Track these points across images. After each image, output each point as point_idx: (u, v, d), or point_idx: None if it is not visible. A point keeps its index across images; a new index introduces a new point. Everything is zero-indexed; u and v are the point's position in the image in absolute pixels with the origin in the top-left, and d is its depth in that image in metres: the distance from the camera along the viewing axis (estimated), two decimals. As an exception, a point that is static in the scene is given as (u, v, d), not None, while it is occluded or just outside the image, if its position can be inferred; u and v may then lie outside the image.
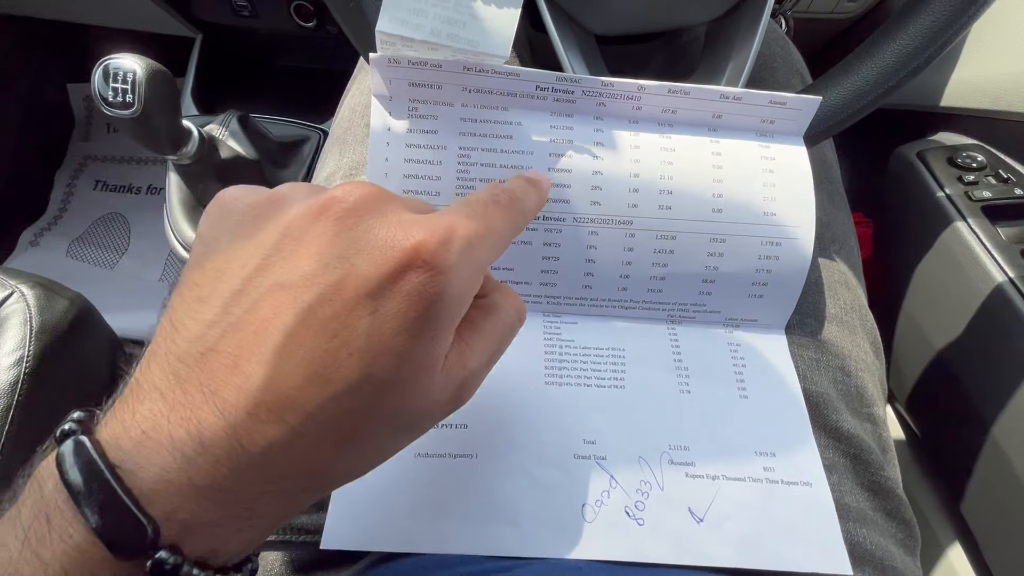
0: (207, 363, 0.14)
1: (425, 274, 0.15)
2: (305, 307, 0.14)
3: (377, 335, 0.14)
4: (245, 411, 0.13)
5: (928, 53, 0.27)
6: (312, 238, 0.15)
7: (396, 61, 0.24)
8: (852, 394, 0.28)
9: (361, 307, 0.14)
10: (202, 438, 0.13)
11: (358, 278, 0.14)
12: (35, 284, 0.49)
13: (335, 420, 0.14)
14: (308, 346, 0.14)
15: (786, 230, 0.27)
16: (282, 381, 0.14)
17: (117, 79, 0.40)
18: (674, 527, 0.23)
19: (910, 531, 0.27)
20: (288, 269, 0.14)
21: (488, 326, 0.18)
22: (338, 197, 0.15)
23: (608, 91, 0.26)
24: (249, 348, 0.14)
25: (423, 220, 0.15)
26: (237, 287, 0.15)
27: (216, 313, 0.14)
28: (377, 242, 0.15)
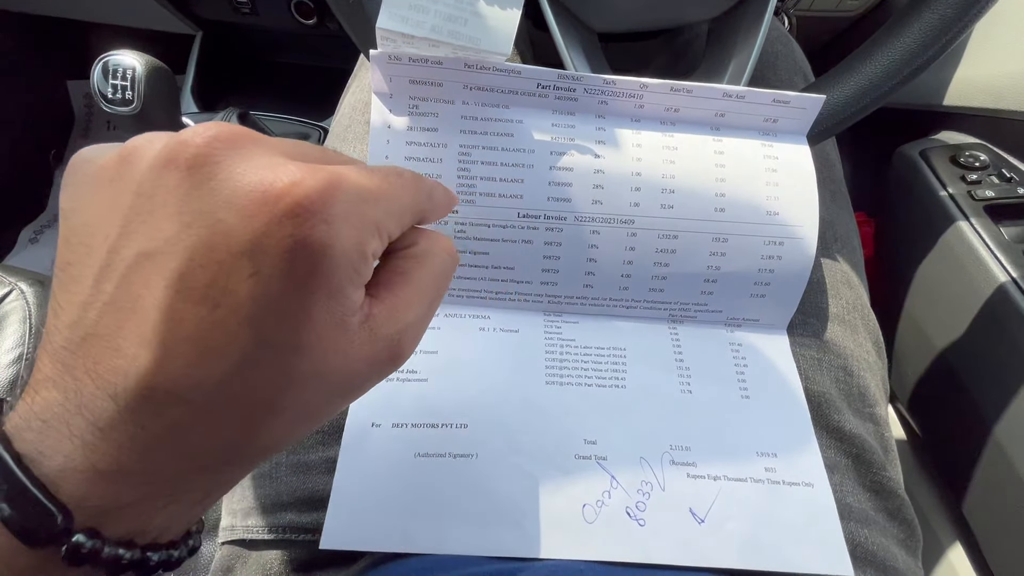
0: (90, 348, 0.13)
1: (305, 222, 0.12)
2: (176, 276, 0.12)
3: (263, 298, 0.13)
4: (139, 396, 0.12)
5: (932, 51, 0.27)
6: (165, 193, 0.13)
7: (397, 58, 0.24)
8: (854, 394, 0.28)
9: (238, 268, 0.12)
10: (99, 424, 0.13)
11: (227, 235, 0.12)
12: (34, 281, 0.49)
13: (244, 394, 0.13)
14: (191, 319, 0.12)
15: (789, 230, 0.27)
16: (172, 362, 0.12)
17: (117, 76, 0.40)
18: (675, 528, 0.22)
19: (912, 531, 0.27)
20: (148, 234, 0.13)
21: (421, 275, 0.16)
22: (184, 140, 0.13)
23: (610, 89, 0.26)
24: (128, 328, 0.13)
25: (301, 164, 0.13)
26: (103, 261, 0.13)
27: (88, 293, 0.13)
28: (242, 189, 0.13)
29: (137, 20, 0.75)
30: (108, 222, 0.13)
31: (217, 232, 0.12)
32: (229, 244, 0.12)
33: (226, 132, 0.13)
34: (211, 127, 0.13)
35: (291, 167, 0.13)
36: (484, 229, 0.26)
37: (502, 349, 0.26)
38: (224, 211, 0.12)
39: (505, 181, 0.26)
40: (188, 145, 0.13)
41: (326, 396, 0.15)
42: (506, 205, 0.26)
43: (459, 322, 0.27)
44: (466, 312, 0.27)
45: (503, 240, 0.26)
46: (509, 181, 0.26)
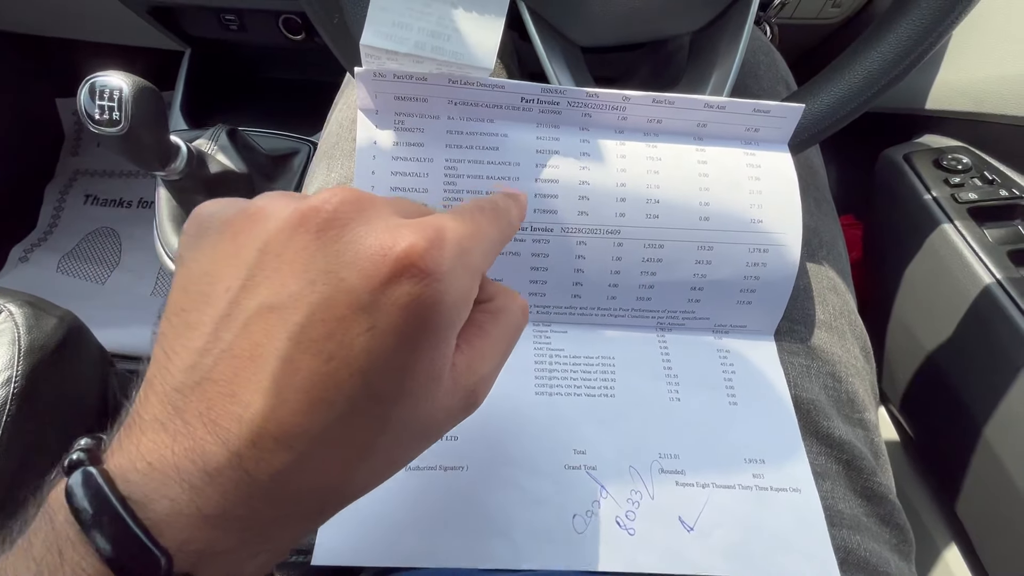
0: (204, 393, 0.13)
1: (420, 282, 0.14)
2: (297, 328, 0.13)
3: (376, 352, 0.14)
4: (249, 441, 0.13)
5: (909, 60, 0.27)
6: (294, 253, 0.14)
7: (381, 75, 0.24)
8: (843, 400, 0.28)
9: (356, 324, 0.14)
10: (208, 469, 0.13)
11: (348, 293, 0.14)
12: (23, 302, 0.49)
13: (344, 440, 0.14)
14: (306, 370, 0.13)
15: (773, 237, 0.27)
16: (284, 409, 0.13)
17: (103, 96, 0.40)
18: (665, 536, 0.22)
19: (904, 536, 0.27)
20: (273, 289, 0.14)
21: (496, 330, 0.18)
22: (316, 206, 0.14)
23: (593, 102, 0.26)
24: (245, 375, 0.13)
25: (411, 223, 0.15)
26: (223, 311, 0.14)
27: (206, 340, 0.14)
28: (364, 251, 0.14)
29: (126, 38, 0.75)
30: (230, 274, 0.14)
31: (340, 290, 0.14)
32: (350, 301, 0.14)
33: (351, 198, 0.15)
34: (338, 193, 0.15)
35: (404, 230, 0.14)
36: (471, 242, 0.26)
37: (491, 361, 0.26)
38: (347, 271, 0.14)
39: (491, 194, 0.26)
40: (319, 211, 0.14)
41: (410, 442, 0.16)
42: None
43: (448, 335, 0.27)
44: (455, 325, 0.28)
45: (490, 253, 0.26)
46: None
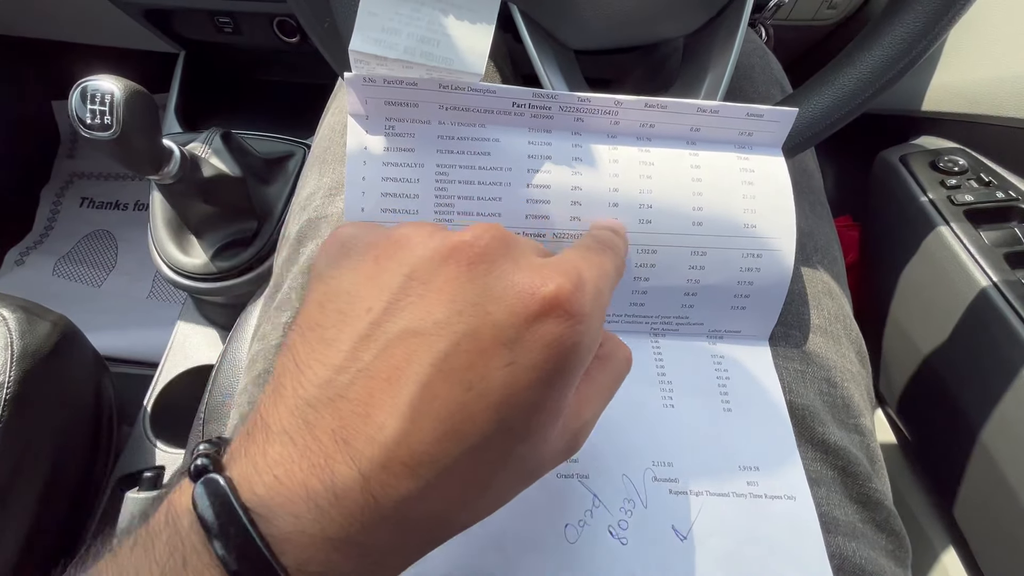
0: (337, 410, 0.13)
1: (564, 323, 0.14)
2: (440, 356, 0.14)
3: (513, 386, 0.14)
4: (380, 464, 0.13)
5: (903, 63, 0.27)
6: (442, 283, 0.14)
7: (371, 80, 0.24)
8: (839, 405, 0.28)
9: (497, 357, 0.14)
10: (336, 490, 0.13)
11: (494, 327, 0.14)
12: (16, 307, 0.49)
13: (468, 473, 0.14)
14: (443, 398, 0.13)
15: (767, 241, 0.27)
16: (417, 435, 0.13)
17: (95, 101, 0.39)
18: (658, 545, 0.22)
19: (900, 542, 0.27)
20: (418, 315, 0.14)
21: (602, 376, 0.18)
22: (468, 241, 0.15)
23: (585, 106, 0.26)
24: (381, 397, 0.13)
25: (554, 264, 0.15)
26: (364, 331, 0.14)
27: (344, 358, 0.14)
28: (513, 288, 0.14)
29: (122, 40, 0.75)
30: (372, 296, 0.15)
31: (486, 323, 0.14)
32: (495, 334, 0.14)
33: (503, 237, 0.15)
34: (490, 230, 0.15)
35: (550, 271, 0.15)
36: (462, 248, 0.26)
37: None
38: (494, 305, 0.14)
39: (483, 200, 0.26)
40: (472, 245, 0.15)
41: (519, 480, 0.16)
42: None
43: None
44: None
45: (482, 259, 0.26)
46: (487, 199, 0.26)
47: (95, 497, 0.53)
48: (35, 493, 0.45)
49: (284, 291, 0.30)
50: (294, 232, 0.32)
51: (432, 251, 0.15)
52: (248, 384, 0.29)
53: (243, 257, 0.54)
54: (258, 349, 0.29)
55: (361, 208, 0.25)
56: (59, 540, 0.48)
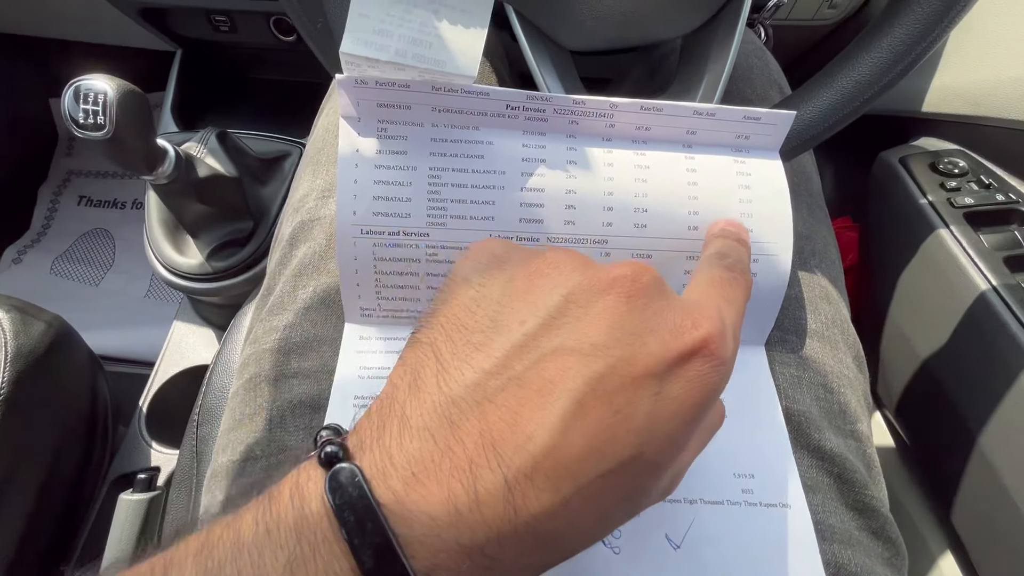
0: (484, 413, 0.13)
1: (709, 363, 0.15)
2: (595, 376, 0.14)
3: (656, 416, 0.14)
4: (525, 475, 0.13)
5: (903, 65, 0.27)
6: (601, 309, 0.15)
7: (363, 82, 0.24)
8: (835, 411, 0.28)
9: (646, 386, 0.14)
10: (479, 496, 0.13)
11: (648, 356, 0.14)
12: (11, 307, 0.48)
13: (598, 495, 0.14)
14: (593, 417, 0.14)
15: (763, 246, 0.26)
16: (564, 449, 0.13)
17: (88, 100, 0.39)
18: (651, 555, 0.22)
19: (897, 550, 0.27)
20: (576, 335, 0.14)
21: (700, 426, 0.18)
22: (630, 276, 0.16)
23: (580, 109, 0.25)
24: (531, 407, 0.13)
25: (703, 309, 0.16)
26: (518, 342, 0.14)
27: (495, 364, 0.14)
28: (668, 324, 0.15)
29: (119, 39, 0.75)
30: (527, 311, 0.15)
31: (640, 352, 0.14)
32: (647, 364, 0.14)
33: (656, 277, 0.16)
34: (648, 270, 0.16)
35: (699, 315, 0.16)
36: (456, 252, 0.26)
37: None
38: (650, 337, 0.15)
39: (476, 203, 0.25)
40: (634, 280, 0.16)
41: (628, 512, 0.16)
42: (478, 227, 0.25)
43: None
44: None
45: (475, 263, 0.26)
46: (480, 203, 0.25)
47: (90, 498, 0.53)
48: (30, 494, 0.45)
49: (277, 294, 0.30)
50: (287, 234, 0.32)
51: (592, 279, 0.15)
52: (240, 388, 0.29)
53: (239, 257, 0.54)
54: (250, 353, 0.29)
55: (353, 211, 0.25)
56: (54, 540, 0.48)
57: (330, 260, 0.29)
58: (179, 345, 0.64)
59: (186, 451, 0.40)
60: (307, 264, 0.29)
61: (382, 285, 0.26)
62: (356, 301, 0.27)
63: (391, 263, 0.26)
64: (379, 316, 0.27)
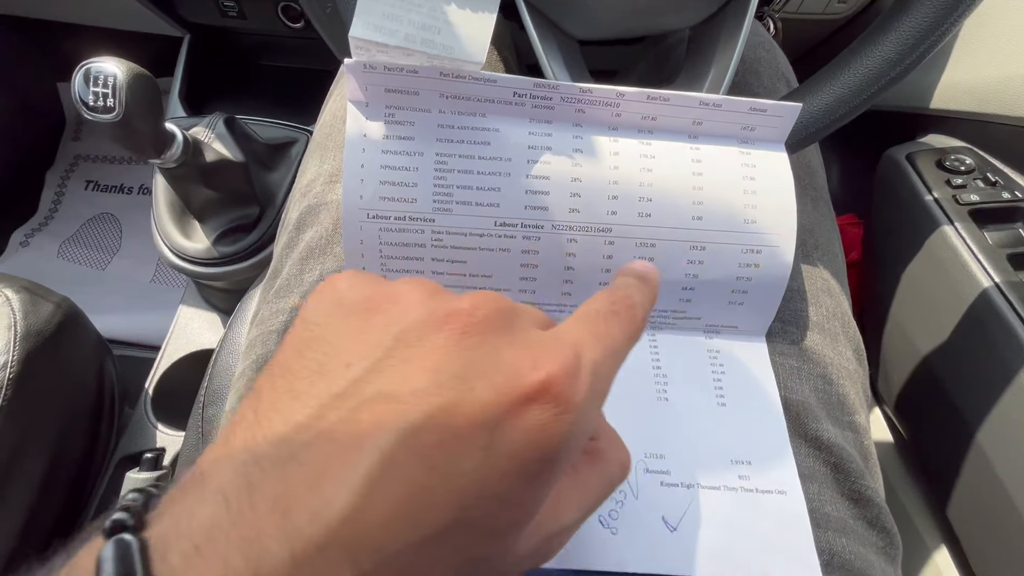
0: (285, 474, 0.12)
1: (552, 410, 0.13)
2: (410, 427, 0.12)
3: (484, 475, 0.12)
4: (316, 546, 0.11)
5: (909, 60, 0.27)
6: (429, 349, 0.13)
7: (372, 67, 0.24)
8: (833, 402, 0.28)
9: (472, 438, 0.12)
10: (260, 571, 0.11)
11: (474, 404, 0.12)
12: (20, 288, 0.49)
13: (410, 567, 0.12)
14: (404, 477, 0.12)
15: (767, 237, 0.27)
16: (366, 515, 0.12)
17: (98, 83, 0.39)
18: (648, 536, 0.22)
19: (891, 539, 0.27)
20: (397, 380, 0.13)
21: (591, 478, 0.16)
22: (466, 309, 0.14)
23: (587, 98, 0.26)
24: (338, 466, 0.12)
25: (552, 344, 0.14)
26: (339, 389, 0.13)
27: (309, 415, 0.12)
28: (502, 366, 0.13)
29: (127, 23, 0.75)
30: (354, 352, 0.13)
31: (466, 399, 0.12)
32: (472, 413, 0.12)
33: (501, 308, 0.14)
34: (488, 301, 0.14)
35: (544, 353, 0.13)
36: (461, 238, 0.26)
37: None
38: (479, 380, 0.13)
39: (482, 190, 0.26)
40: (466, 315, 0.14)
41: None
42: (483, 214, 0.26)
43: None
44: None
45: (480, 249, 0.26)
46: (486, 190, 0.26)
47: (96, 477, 0.54)
48: (37, 472, 0.45)
49: (284, 277, 0.30)
50: (294, 218, 0.32)
51: (428, 314, 0.14)
52: (246, 368, 0.29)
53: (245, 243, 0.54)
54: (256, 334, 0.29)
55: (360, 195, 0.25)
56: (60, 518, 0.49)
57: (336, 244, 0.30)
58: (185, 329, 0.65)
59: (192, 432, 0.41)
60: (314, 248, 0.30)
61: (387, 270, 0.27)
62: (362, 285, 0.27)
63: (396, 248, 0.26)
64: (384, 300, 0.28)
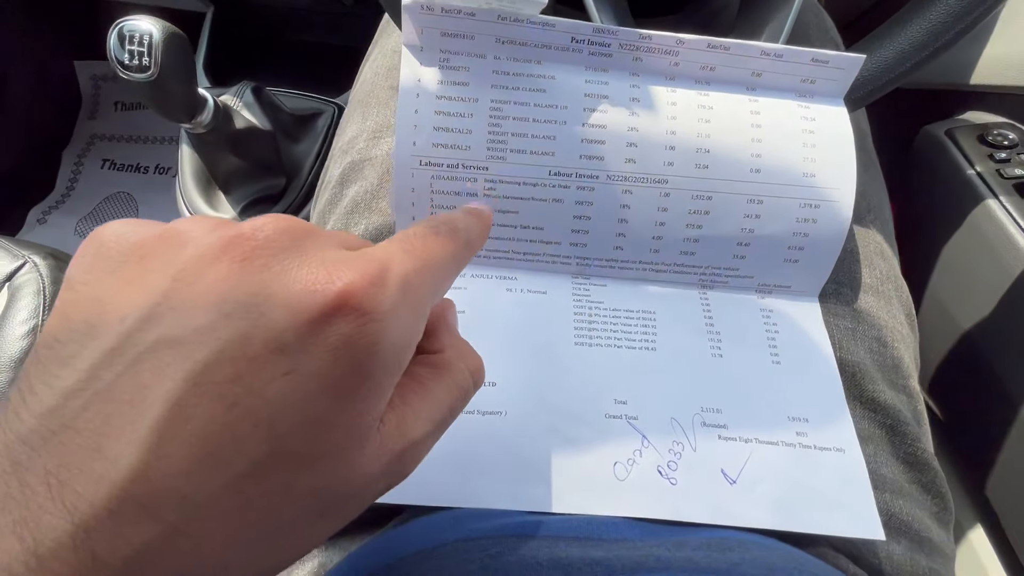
0: (60, 445, 0.11)
1: (355, 321, 0.12)
2: (198, 368, 0.11)
3: (292, 399, 0.11)
4: (105, 509, 0.10)
5: (976, 13, 0.26)
6: (211, 282, 0.12)
7: (429, 8, 0.23)
8: (888, 365, 0.28)
9: (271, 366, 0.11)
10: (39, 549, 0.10)
11: (268, 331, 0.11)
12: (47, 255, 0.49)
13: (234, 512, 0.11)
14: (200, 418, 0.11)
15: (825, 192, 0.26)
16: (160, 466, 0.11)
17: (133, 42, 0.39)
18: (707, 488, 0.22)
19: (945, 504, 0.27)
20: (178, 322, 0.11)
21: (438, 387, 0.15)
22: (246, 233, 0.12)
23: (645, 44, 0.25)
24: (118, 423, 0.11)
25: (351, 258, 0.13)
26: (111, 344, 0.11)
27: (80, 379, 0.11)
28: (295, 286, 0.12)
29: (148, -3, 0.74)
30: (129, 303, 0.12)
31: (258, 326, 0.11)
32: (268, 339, 0.11)
33: (287, 227, 0.13)
34: (275, 221, 0.13)
35: (342, 265, 0.12)
36: (514, 187, 0.25)
37: (530, 310, 0.26)
38: (269, 305, 0.12)
39: (537, 138, 0.25)
40: (246, 239, 0.12)
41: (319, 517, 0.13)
42: (537, 163, 0.25)
43: (486, 283, 0.27)
44: (493, 273, 0.27)
45: (533, 199, 0.26)
46: (541, 138, 0.25)
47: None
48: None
49: (326, 231, 0.30)
50: (336, 176, 0.32)
51: (205, 247, 0.12)
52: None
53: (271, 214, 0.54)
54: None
55: (413, 142, 0.25)
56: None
57: (382, 199, 0.29)
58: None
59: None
60: (359, 203, 0.29)
61: (438, 219, 0.26)
62: (410, 236, 0.27)
63: (448, 196, 0.26)
64: (432, 252, 0.27)
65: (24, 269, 0.48)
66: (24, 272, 0.48)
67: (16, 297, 0.47)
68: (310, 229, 0.14)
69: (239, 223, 0.13)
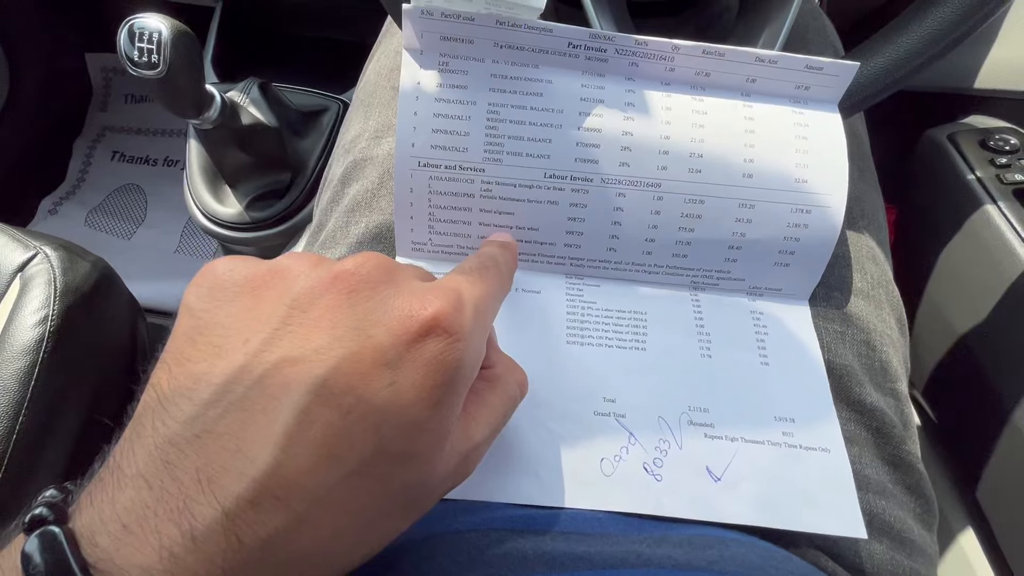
0: (204, 447, 0.13)
1: (444, 340, 0.14)
2: (318, 381, 0.13)
3: (394, 407, 0.14)
4: (248, 501, 0.12)
5: (972, 21, 0.26)
6: (323, 310, 0.14)
7: (429, 12, 0.24)
8: (876, 368, 0.28)
9: (378, 379, 0.14)
10: (194, 533, 0.12)
11: (375, 350, 0.14)
12: (58, 246, 0.50)
13: (345, 502, 0.13)
14: (320, 423, 0.13)
15: (817, 198, 0.26)
16: (291, 464, 0.13)
17: (143, 39, 0.40)
18: (691, 484, 0.23)
19: (929, 506, 0.27)
20: (298, 343, 0.14)
21: (493, 398, 0.18)
22: (349, 269, 0.15)
23: (641, 50, 0.25)
24: (254, 429, 0.13)
25: (435, 288, 0.16)
26: (240, 363, 0.14)
27: (215, 392, 0.13)
28: (394, 312, 0.14)
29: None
30: (250, 328, 0.14)
31: (366, 346, 0.14)
32: (375, 357, 0.14)
33: (384, 264, 0.16)
34: (371, 259, 0.16)
35: (430, 294, 0.15)
36: (510, 189, 0.26)
37: (524, 308, 0.27)
38: (375, 329, 0.14)
39: (533, 141, 0.26)
40: (351, 274, 0.15)
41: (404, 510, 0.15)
42: (533, 165, 0.26)
43: (482, 282, 0.27)
44: (489, 273, 0.28)
45: (528, 200, 0.26)
46: (537, 141, 0.26)
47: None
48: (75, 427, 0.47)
49: (329, 230, 0.31)
50: (338, 174, 0.32)
51: (315, 280, 0.15)
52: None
53: (276, 208, 0.55)
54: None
55: (412, 143, 0.26)
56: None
57: (383, 198, 0.30)
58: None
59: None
60: (360, 201, 0.30)
61: (435, 219, 0.27)
62: (408, 235, 0.27)
63: (445, 197, 0.26)
64: (429, 251, 0.28)
65: (36, 260, 0.49)
66: (36, 263, 0.49)
67: (28, 288, 0.48)
68: (397, 265, 0.16)
69: (338, 260, 0.16)
